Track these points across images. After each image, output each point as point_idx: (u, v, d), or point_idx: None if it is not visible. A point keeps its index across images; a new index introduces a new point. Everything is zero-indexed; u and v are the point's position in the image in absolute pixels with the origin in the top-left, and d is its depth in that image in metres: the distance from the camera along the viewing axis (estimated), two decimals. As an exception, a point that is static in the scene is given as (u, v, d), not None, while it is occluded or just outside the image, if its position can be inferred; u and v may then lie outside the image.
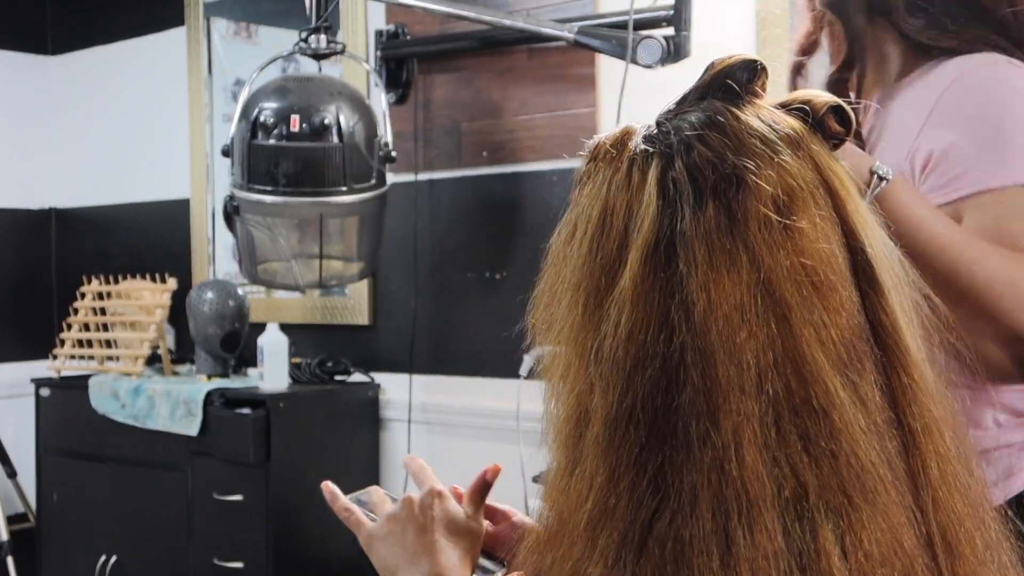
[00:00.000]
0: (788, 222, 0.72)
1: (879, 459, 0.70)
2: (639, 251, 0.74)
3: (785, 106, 0.79)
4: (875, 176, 1.11)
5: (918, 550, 0.70)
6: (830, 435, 0.69)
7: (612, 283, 0.75)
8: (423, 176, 3.11)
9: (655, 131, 0.78)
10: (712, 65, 0.80)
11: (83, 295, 3.75)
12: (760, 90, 0.79)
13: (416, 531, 1.00)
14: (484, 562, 1.05)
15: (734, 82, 0.78)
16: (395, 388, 3.19)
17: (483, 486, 1.05)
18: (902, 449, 0.72)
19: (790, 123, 0.77)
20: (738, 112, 0.76)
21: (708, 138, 0.75)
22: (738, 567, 0.67)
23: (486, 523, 1.08)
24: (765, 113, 0.77)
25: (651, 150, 0.77)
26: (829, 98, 0.79)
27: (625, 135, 0.79)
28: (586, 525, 0.72)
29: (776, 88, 1.02)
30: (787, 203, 0.73)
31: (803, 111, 0.78)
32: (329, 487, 1.08)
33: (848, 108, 0.80)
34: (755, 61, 0.79)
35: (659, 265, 0.73)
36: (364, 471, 3.14)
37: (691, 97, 0.80)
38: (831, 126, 0.79)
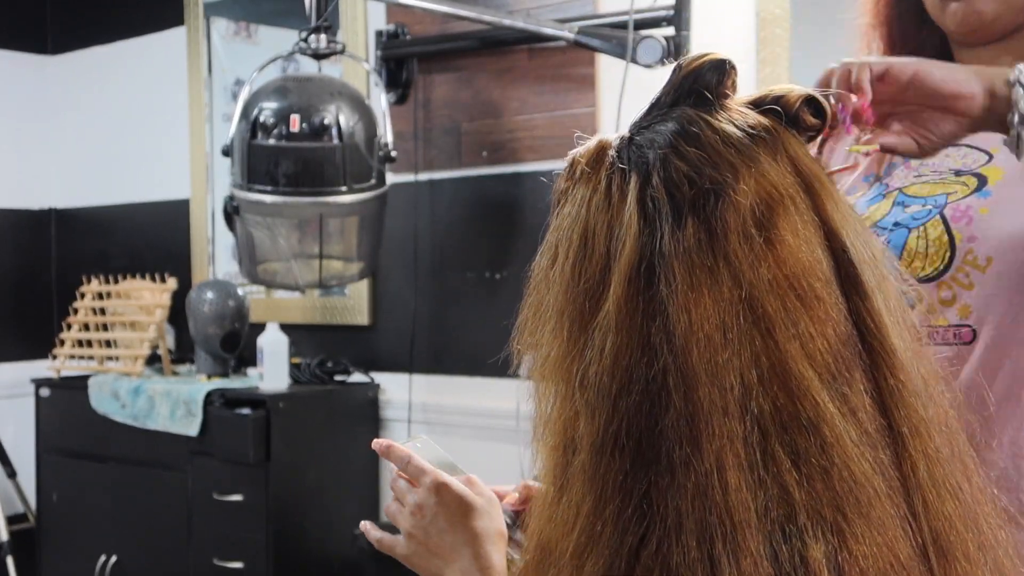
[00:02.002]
0: (769, 234, 0.71)
1: (872, 470, 0.69)
2: (622, 273, 0.72)
3: (758, 104, 0.77)
4: (1018, 85, 0.95)
5: (914, 562, 0.69)
6: (821, 450, 0.68)
7: (596, 308, 0.73)
8: (423, 176, 3.10)
9: (630, 145, 0.77)
10: (679, 67, 0.78)
11: (83, 295, 3.75)
12: (730, 91, 0.77)
13: (437, 534, 1.01)
14: (514, 534, 1.04)
15: (704, 87, 0.76)
16: (395, 388, 3.19)
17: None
18: (894, 457, 0.71)
19: (764, 124, 0.75)
20: (711, 120, 0.75)
21: (684, 151, 0.74)
22: None
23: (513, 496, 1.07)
24: (738, 116, 0.75)
25: (628, 167, 0.75)
26: (802, 91, 0.78)
27: (600, 150, 0.78)
28: (572, 553, 0.71)
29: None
30: (766, 213, 0.72)
31: (776, 108, 0.77)
32: (365, 527, 1.09)
33: (823, 98, 0.78)
34: (723, 61, 0.77)
35: (641, 287, 0.72)
36: (364, 471, 3.14)
37: (662, 102, 0.78)
38: (806, 119, 0.77)
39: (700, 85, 0.76)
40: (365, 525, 1.10)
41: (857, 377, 0.71)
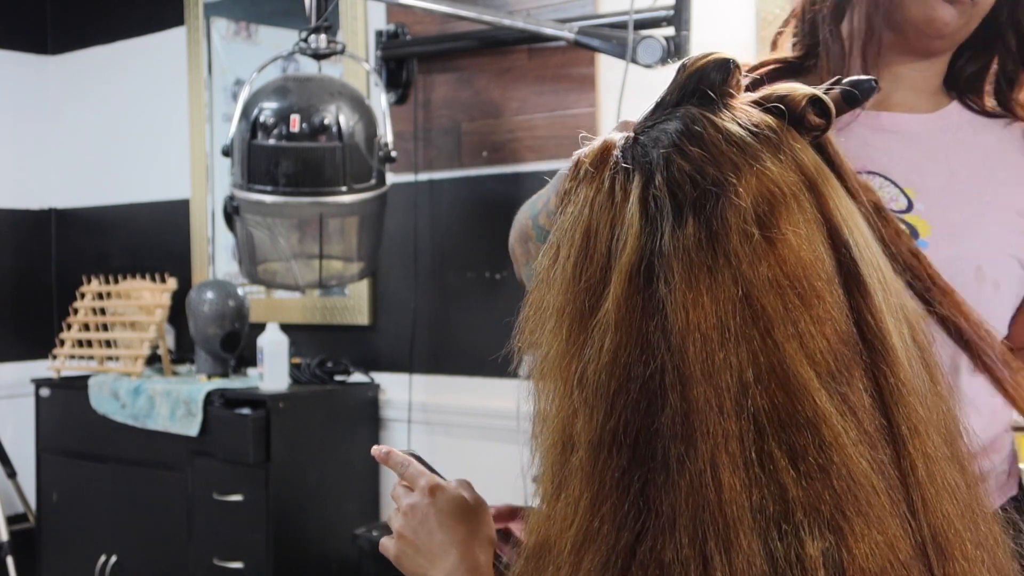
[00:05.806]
0: (770, 233, 0.71)
1: (871, 469, 0.69)
2: (622, 272, 0.72)
3: (762, 103, 0.77)
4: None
5: (913, 561, 0.69)
6: (819, 449, 0.68)
7: (596, 306, 0.73)
8: (423, 176, 3.11)
9: (635, 145, 0.76)
10: (684, 66, 0.78)
11: (83, 295, 3.75)
12: (734, 90, 0.77)
13: (426, 534, 1.01)
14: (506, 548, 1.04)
15: (708, 86, 0.76)
16: (395, 388, 3.19)
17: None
18: (894, 456, 0.71)
19: (768, 123, 0.75)
20: (715, 119, 0.75)
21: (686, 151, 0.73)
22: None
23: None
24: (742, 115, 0.75)
25: (632, 166, 0.75)
26: (807, 90, 0.77)
27: (605, 150, 0.77)
28: (571, 550, 0.71)
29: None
30: (768, 212, 0.71)
31: (781, 107, 0.76)
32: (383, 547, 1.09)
33: (827, 99, 0.77)
34: (727, 60, 0.77)
35: (641, 286, 0.72)
36: (364, 471, 3.14)
37: (667, 102, 0.78)
38: (811, 119, 0.76)
39: (704, 84, 0.76)
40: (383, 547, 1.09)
41: (857, 376, 0.71)
